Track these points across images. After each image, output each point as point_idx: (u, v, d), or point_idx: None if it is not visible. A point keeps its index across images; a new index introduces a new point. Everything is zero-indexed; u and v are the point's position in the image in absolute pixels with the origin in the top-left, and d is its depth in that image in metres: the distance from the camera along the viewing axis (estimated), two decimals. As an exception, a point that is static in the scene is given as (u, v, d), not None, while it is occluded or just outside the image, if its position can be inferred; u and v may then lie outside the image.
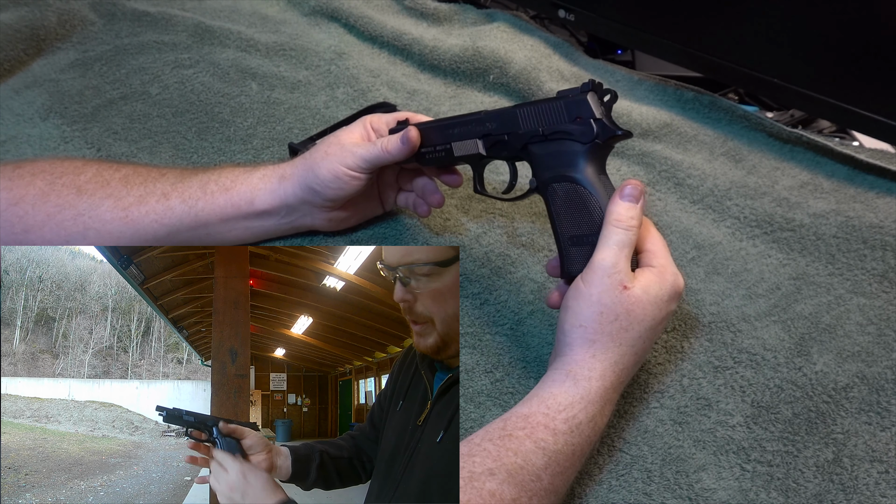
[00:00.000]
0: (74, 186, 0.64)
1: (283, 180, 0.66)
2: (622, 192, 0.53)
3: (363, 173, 0.64)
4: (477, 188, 0.65)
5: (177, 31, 1.08)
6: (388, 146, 0.62)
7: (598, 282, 0.52)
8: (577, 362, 0.52)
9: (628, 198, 0.53)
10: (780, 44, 0.83)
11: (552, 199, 0.57)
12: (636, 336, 0.52)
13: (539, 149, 0.58)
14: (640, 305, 0.51)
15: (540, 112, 0.58)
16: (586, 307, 0.52)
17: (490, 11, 1.14)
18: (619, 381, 0.52)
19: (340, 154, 0.63)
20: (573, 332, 0.52)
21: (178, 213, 0.65)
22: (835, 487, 0.54)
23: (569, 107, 0.56)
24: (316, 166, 0.64)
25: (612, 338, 0.51)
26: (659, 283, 0.53)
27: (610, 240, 0.52)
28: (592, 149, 0.55)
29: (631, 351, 0.52)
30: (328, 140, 0.65)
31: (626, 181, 0.54)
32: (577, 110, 0.56)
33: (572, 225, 0.56)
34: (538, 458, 0.47)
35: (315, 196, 0.65)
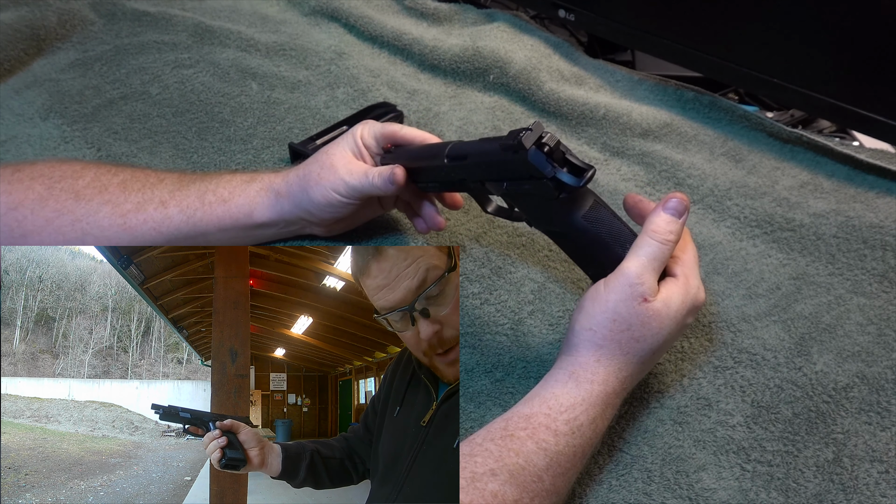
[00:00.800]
0: (73, 191, 0.64)
1: (280, 197, 0.65)
2: (666, 204, 0.51)
3: (355, 200, 0.64)
4: (486, 210, 0.62)
5: (177, 31, 1.08)
6: (376, 181, 0.62)
7: (619, 289, 0.50)
8: (581, 364, 0.51)
9: (671, 210, 0.51)
10: (780, 44, 0.83)
11: (566, 247, 0.56)
12: (647, 348, 0.51)
13: (522, 203, 0.54)
14: (658, 318, 0.51)
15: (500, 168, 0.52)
16: (600, 312, 0.51)
17: (490, 11, 1.14)
18: (622, 388, 0.52)
19: (332, 180, 0.62)
20: (582, 333, 0.52)
21: (175, 222, 0.65)
22: (835, 487, 0.54)
23: (516, 166, 0.50)
24: (310, 189, 0.63)
25: (621, 346, 0.51)
26: (682, 295, 0.52)
27: (642, 250, 0.51)
28: (568, 202, 0.51)
29: (638, 361, 0.52)
30: (322, 161, 0.64)
31: (673, 194, 0.52)
32: (525, 169, 0.50)
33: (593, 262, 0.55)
34: (540, 458, 0.47)
35: (310, 216, 0.65)
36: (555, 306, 0.67)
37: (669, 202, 0.51)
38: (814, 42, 0.80)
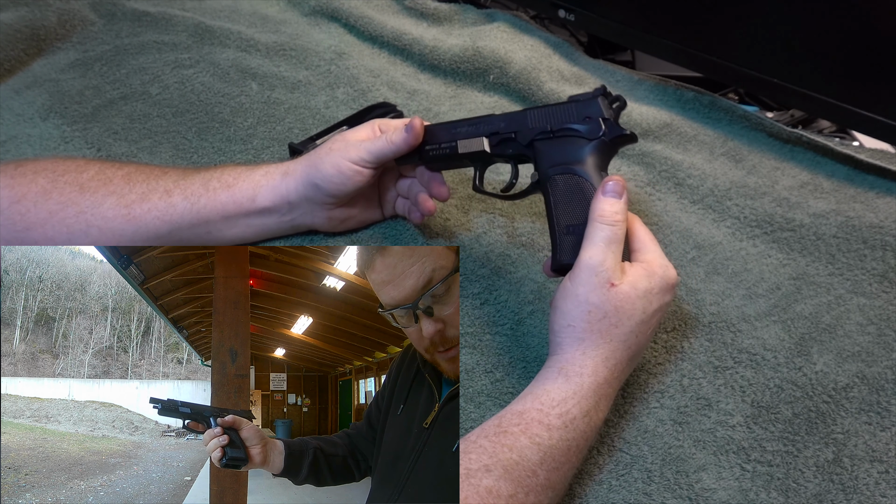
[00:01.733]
0: (77, 184, 0.64)
1: (286, 176, 0.66)
2: (604, 188, 0.54)
3: (367, 167, 0.64)
4: (476, 186, 0.65)
5: (177, 31, 1.08)
6: (392, 137, 0.63)
7: (586, 280, 0.52)
8: (567, 360, 0.52)
9: (611, 193, 0.53)
10: (779, 44, 0.83)
11: (552, 189, 0.58)
12: (627, 331, 0.52)
13: (545, 145, 0.60)
14: (629, 301, 0.52)
15: (550, 113, 0.60)
16: (574, 307, 0.52)
17: (490, 11, 1.14)
18: (612, 377, 0.52)
19: (344, 149, 0.64)
20: (562, 332, 0.53)
21: (180, 210, 0.65)
22: (835, 487, 0.54)
23: (579, 107, 0.59)
24: (319, 161, 0.65)
25: (602, 335, 0.52)
26: (647, 277, 0.53)
27: (595, 237, 0.52)
28: (599, 146, 0.57)
29: (623, 346, 0.52)
30: (333, 137, 0.67)
31: (607, 177, 0.54)
32: (586, 110, 0.58)
33: (568, 215, 0.56)
34: (533, 453, 0.47)
35: (317, 192, 0.66)
36: (555, 306, 0.67)
37: (607, 185, 0.54)
38: (814, 42, 0.80)
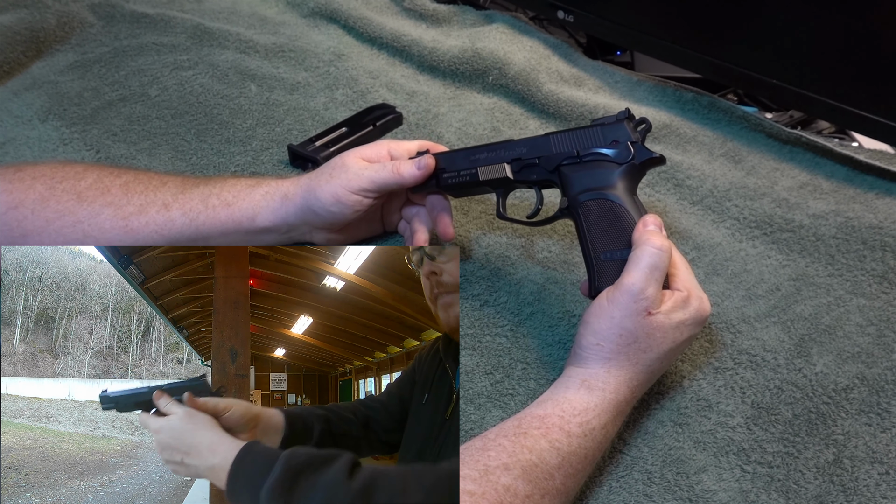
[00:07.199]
0: (75, 192, 0.64)
1: (286, 200, 0.65)
2: (646, 223, 0.55)
3: (367, 196, 0.63)
4: (500, 213, 0.64)
5: (176, 33, 1.08)
6: (401, 169, 0.62)
7: (624, 305, 0.52)
8: (592, 375, 0.53)
9: (653, 226, 0.55)
10: (779, 44, 0.83)
11: (585, 214, 0.57)
12: (654, 357, 0.53)
13: (573, 171, 0.59)
14: (661, 330, 0.52)
15: (575, 137, 0.59)
16: (607, 328, 0.53)
17: (489, 13, 1.14)
18: (632, 396, 0.54)
19: (345, 177, 0.63)
20: (591, 348, 0.53)
21: (178, 225, 0.64)
22: (835, 489, 0.54)
23: (605, 131, 0.58)
24: (319, 189, 0.63)
25: (629, 357, 0.53)
26: (683, 308, 0.53)
27: (642, 261, 0.52)
28: (628, 170, 0.57)
29: (646, 370, 0.53)
30: (334, 161, 0.65)
31: (646, 215, 0.56)
32: (613, 134, 0.58)
33: (605, 240, 0.56)
34: (552, 457, 0.48)
35: (315, 217, 0.65)
36: (555, 308, 0.67)
37: (648, 219, 0.55)
38: (813, 43, 0.80)
